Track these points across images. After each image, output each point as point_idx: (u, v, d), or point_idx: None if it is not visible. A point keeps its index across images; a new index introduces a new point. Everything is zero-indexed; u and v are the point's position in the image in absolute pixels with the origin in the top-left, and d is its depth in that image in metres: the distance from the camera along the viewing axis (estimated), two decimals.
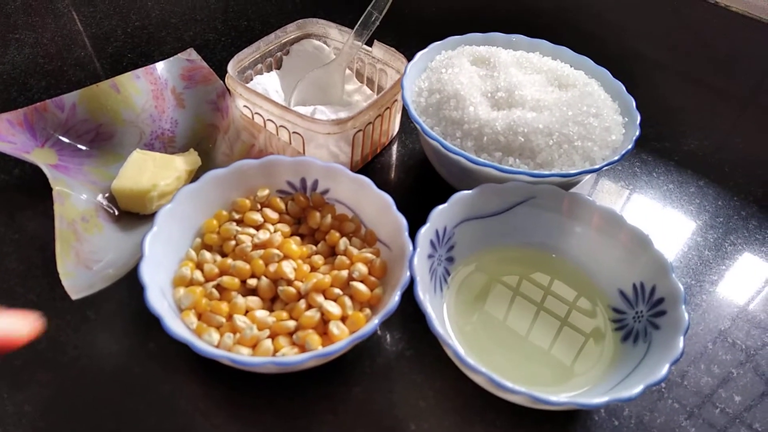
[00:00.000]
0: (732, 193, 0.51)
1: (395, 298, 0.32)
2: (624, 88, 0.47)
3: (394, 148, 0.53)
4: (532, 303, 0.39)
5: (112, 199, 0.43)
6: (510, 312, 0.38)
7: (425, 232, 0.36)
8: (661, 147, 0.55)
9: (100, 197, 0.43)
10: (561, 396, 0.32)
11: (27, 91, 0.54)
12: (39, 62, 0.58)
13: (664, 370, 0.30)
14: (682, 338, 0.32)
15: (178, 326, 0.31)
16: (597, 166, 0.40)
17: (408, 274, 0.33)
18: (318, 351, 0.31)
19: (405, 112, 0.53)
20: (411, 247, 0.35)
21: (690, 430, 0.35)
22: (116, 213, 0.43)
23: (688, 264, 0.45)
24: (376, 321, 0.31)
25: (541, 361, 0.36)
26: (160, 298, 0.32)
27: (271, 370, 0.32)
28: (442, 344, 0.32)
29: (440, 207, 0.37)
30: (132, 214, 0.43)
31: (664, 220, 0.49)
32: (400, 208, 0.37)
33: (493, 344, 0.36)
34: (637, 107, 0.44)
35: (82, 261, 0.37)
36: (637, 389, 0.30)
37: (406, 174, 0.51)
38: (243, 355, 0.31)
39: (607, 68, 0.48)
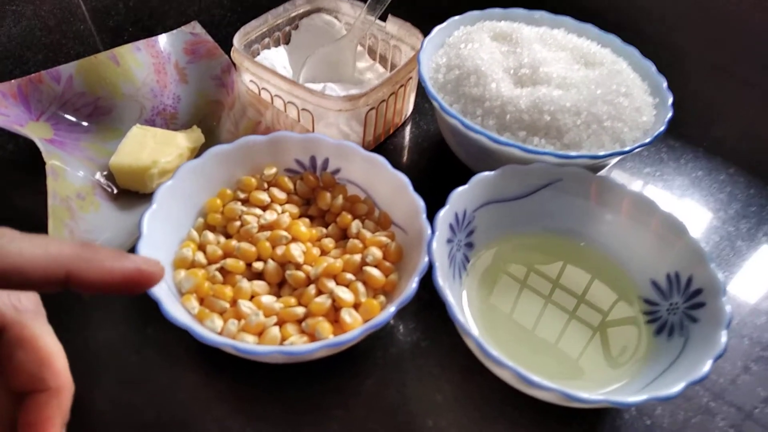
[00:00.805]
0: (764, 181, 0.48)
1: (413, 284, 0.30)
2: (654, 68, 0.44)
3: (408, 128, 0.50)
4: (557, 293, 0.36)
5: (110, 176, 0.41)
6: (533, 302, 0.36)
7: (444, 215, 0.33)
8: (688, 132, 0.53)
9: (98, 174, 0.41)
10: (593, 393, 0.29)
11: (23, 64, 0.52)
12: (36, 35, 0.55)
13: (707, 366, 0.28)
14: (724, 332, 0.29)
15: (178, 311, 0.29)
16: (628, 149, 0.37)
17: (426, 259, 0.31)
18: (329, 340, 0.28)
19: (419, 91, 0.50)
20: (429, 231, 0.32)
21: (728, 431, 0.32)
22: (114, 191, 0.40)
23: (720, 254, 0.42)
24: (392, 309, 0.29)
25: (568, 355, 0.33)
26: None
27: (277, 360, 0.30)
28: (463, 336, 0.30)
29: (460, 189, 0.34)
30: (131, 192, 0.41)
31: (693, 209, 0.46)
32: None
33: (515, 336, 0.34)
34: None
35: (77, 240, 0.35)
36: (677, 387, 0.27)
37: (420, 156, 0.48)
38: (248, 344, 0.29)
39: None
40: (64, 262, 0.20)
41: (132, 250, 0.30)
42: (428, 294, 0.32)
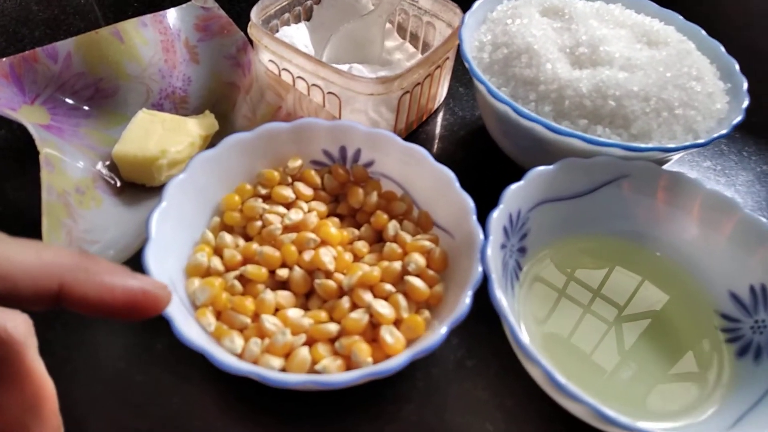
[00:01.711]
0: None
1: (465, 300, 0.26)
2: (722, 48, 0.39)
3: (440, 115, 0.46)
4: (621, 305, 0.32)
5: (113, 167, 0.37)
6: (594, 317, 0.31)
7: (498, 216, 0.29)
8: (749, 122, 0.47)
9: (99, 165, 0.36)
10: (682, 425, 0.25)
11: (18, 41, 0.48)
12: (33, 9, 0.51)
13: None
14: None
15: (192, 329, 0.25)
16: (703, 140, 0.33)
17: (480, 269, 0.27)
18: (370, 369, 0.24)
19: (454, 74, 0.45)
20: (481, 235, 0.28)
21: None
22: (118, 184, 0.36)
23: None
24: (443, 331, 0.24)
25: (637, 379, 0.29)
26: None
27: (311, 389, 0.26)
28: (526, 362, 0.26)
29: (515, 186, 0.30)
30: (136, 185, 0.36)
31: (761, 208, 0.41)
32: None
33: (578, 358, 0.30)
34: None
35: (75, 241, 0.30)
36: None
37: (456, 146, 0.43)
38: (275, 372, 0.24)
39: None
40: (59, 273, 0.17)
41: (138, 253, 0.26)
42: (474, 305, 0.27)
